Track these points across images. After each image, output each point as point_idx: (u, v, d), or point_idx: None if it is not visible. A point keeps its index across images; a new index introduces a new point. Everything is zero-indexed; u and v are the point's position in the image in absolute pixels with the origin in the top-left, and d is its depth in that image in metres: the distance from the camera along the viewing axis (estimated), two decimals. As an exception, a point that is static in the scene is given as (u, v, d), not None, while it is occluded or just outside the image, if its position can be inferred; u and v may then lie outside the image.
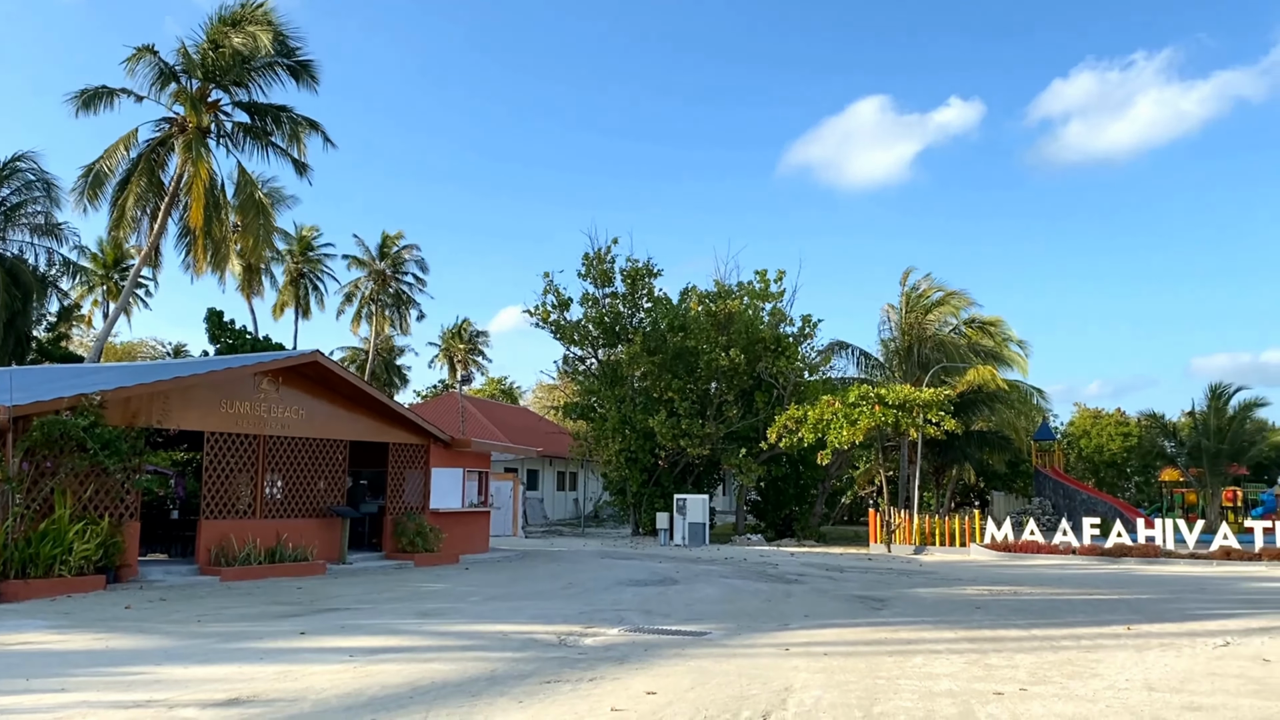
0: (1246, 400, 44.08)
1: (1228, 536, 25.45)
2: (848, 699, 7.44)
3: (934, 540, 29.13)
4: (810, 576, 19.08)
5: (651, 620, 12.08)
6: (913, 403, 29.75)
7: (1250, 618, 13.03)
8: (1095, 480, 53.69)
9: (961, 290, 41.81)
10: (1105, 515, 30.98)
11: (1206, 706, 7.33)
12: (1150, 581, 19.29)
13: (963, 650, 9.94)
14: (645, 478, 34.27)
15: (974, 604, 14.56)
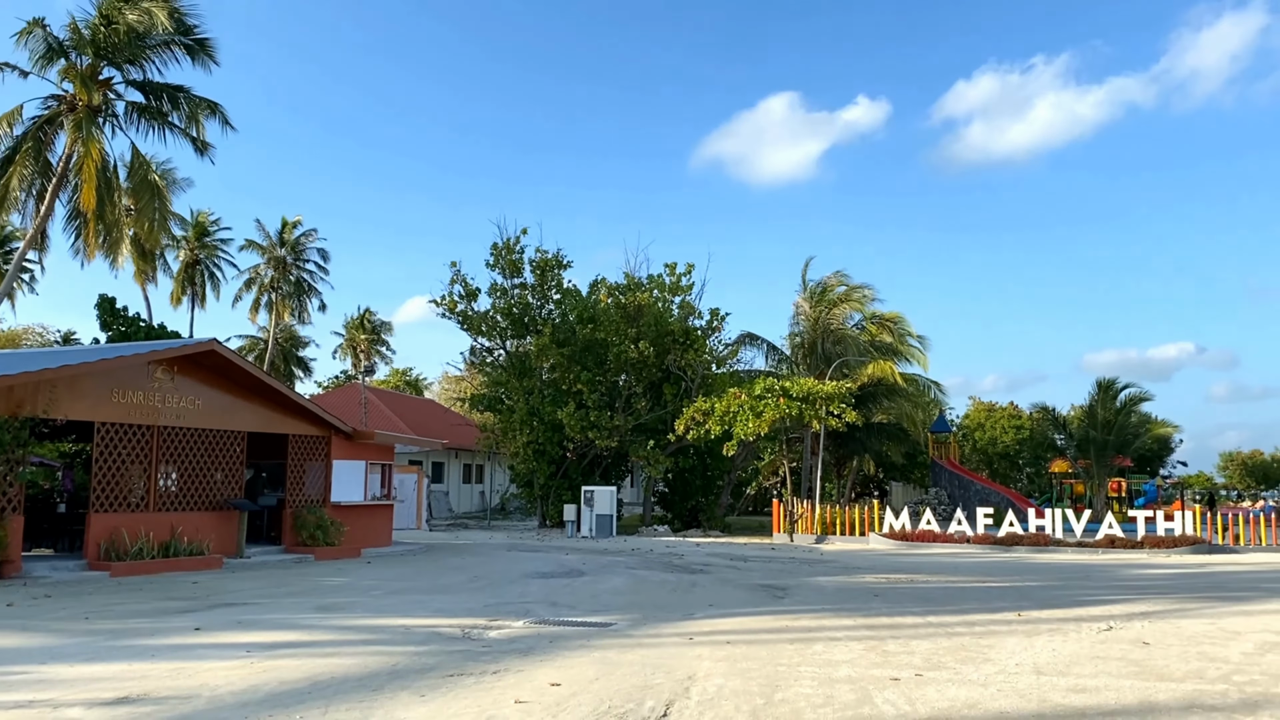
0: (1132, 395, 46.06)
1: (1112, 525, 26.54)
2: (749, 686, 7.56)
3: (835, 530, 29.71)
4: (715, 566, 19.29)
5: (557, 612, 12.08)
6: (816, 395, 30.30)
7: (1132, 603, 13.62)
8: (989, 471, 55.53)
9: (864, 286, 42.75)
10: (998, 505, 32.01)
11: (1090, 688, 7.64)
12: (1040, 569, 20.01)
13: (861, 637, 10.18)
14: (553, 470, 34.20)
15: (873, 592, 14.91)
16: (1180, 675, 8.20)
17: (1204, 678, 8.10)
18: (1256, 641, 10.07)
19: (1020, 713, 6.80)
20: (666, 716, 6.61)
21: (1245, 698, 7.32)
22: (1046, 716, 6.70)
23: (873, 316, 44.28)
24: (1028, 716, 6.69)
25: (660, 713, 6.71)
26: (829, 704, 6.99)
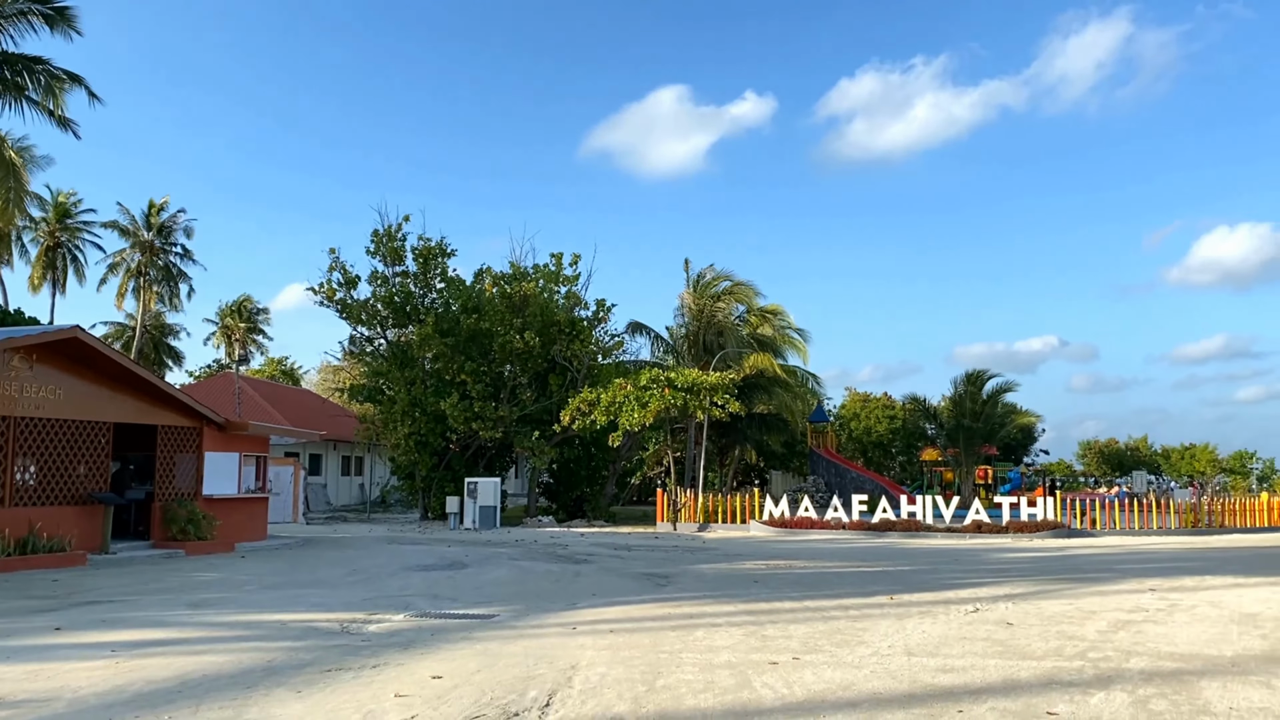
0: (998, 385, 48.08)
1: (979, 511, 27.67)
2: (632, 674, 7.63)
3: (717, 518, 30.17)
4: (599, 556, 19.37)
5: (439, 605, 11.96)
6: (700, 386, 30.69)
7: (997, 585, 14.23)
8: (864, 459, 57.17)
9: (747, 280, 43.55)
10: (873, 492, 32.99)
11: (958, 668, 7.97)
12: (911, 554, 20.71)
13: (742, 623, 10.38)
14: (435, 461, 33.77)
15: (753, 578, 15.21)
16: (1041, 654, 8.61)
17: (1062, 655, 8.52)
18: (1110, 620, 10.65)
19: (892, 693, 7.04)
20: (549, 706, 6.63)
21: (1100, 673, 7.73)
22: (917, 696, 6.95)
23: (755, 309, 45.08)
24: (899, 697, 6.93)
25: (543, 702, 6.72)
26: (709, 689, 7.11)
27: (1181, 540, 25.68)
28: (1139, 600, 12.37)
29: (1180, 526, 28.64)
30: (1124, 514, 28.73)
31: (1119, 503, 29.69)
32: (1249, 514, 30.42)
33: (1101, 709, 6.53)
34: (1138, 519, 28.58)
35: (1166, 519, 28.76)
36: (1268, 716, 6.33)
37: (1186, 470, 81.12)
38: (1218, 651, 8.70)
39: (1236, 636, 9.54)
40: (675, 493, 31.12)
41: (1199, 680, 7.46)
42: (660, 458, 43.52)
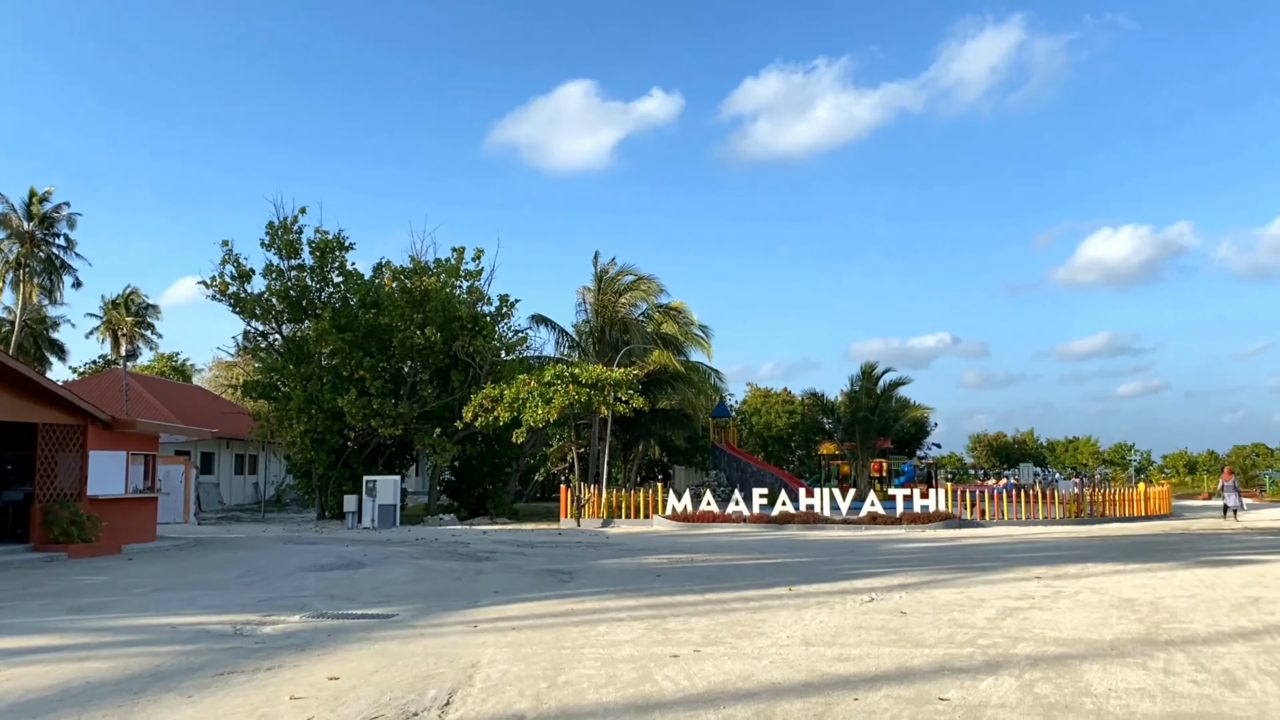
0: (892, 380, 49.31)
1: (874, 503, 28.33)
2: (534, 671, 7.60)
3: (621, 514, 30.25)
4: (501, 553, 19.25)
5: (336, 605, 11.73)
6: (604, 382, 30.73)
7: (891, 575, 14.59)
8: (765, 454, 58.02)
9: (651, 276, 43.75)
10: (773, 486, 33.48)
11: (854, 657, 8.15)
12: (810, 546, 21.10)
13: (644, 617, 10.43)
14: (333, 459, 33.08)
15: (655, 572, 15.30)
16: (933, 641, 8.87)
17: (953, 642, 8.79)
18: (998, 607, 11.02)
19: (790, 683, 7.17)
20: (449, 705, 6.56)
21: (988, 659, 7.99)
22: (814, 685, 7.09)
23: (658, 306, 45.34)
24: (797, 686, 7.06)
25: (443, 701, 6.65)
26: (611, 683, 7.13)
27: (1065, 530, 26.70)
28: (1025, 588, 12.83)
29: (1064, 516, 29.77)
30: (1011, 505, 29.74)
31: (1007, 494, 30.72)
32: (1127, 504, 31.79)
33: (990, 693, 6.75)
34: (1024, 510, 29.61)
35: (1051, 509, 29.86)
36: (1143, 696, 6.63)
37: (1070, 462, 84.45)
38: (1098, 636, 9.07)
39: (1116, 621, 9.96)
40: (579, 489, 31.10)
41: (1081, 663, 7.77)
42: (564, 454, 43.47)
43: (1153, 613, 10.49)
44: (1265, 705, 6.34)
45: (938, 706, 6.40)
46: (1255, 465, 72.19)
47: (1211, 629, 9.37)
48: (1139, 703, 6.44)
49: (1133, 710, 6.24)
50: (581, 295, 42.94)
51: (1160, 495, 33.60)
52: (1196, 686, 6.89)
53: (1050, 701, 6.50)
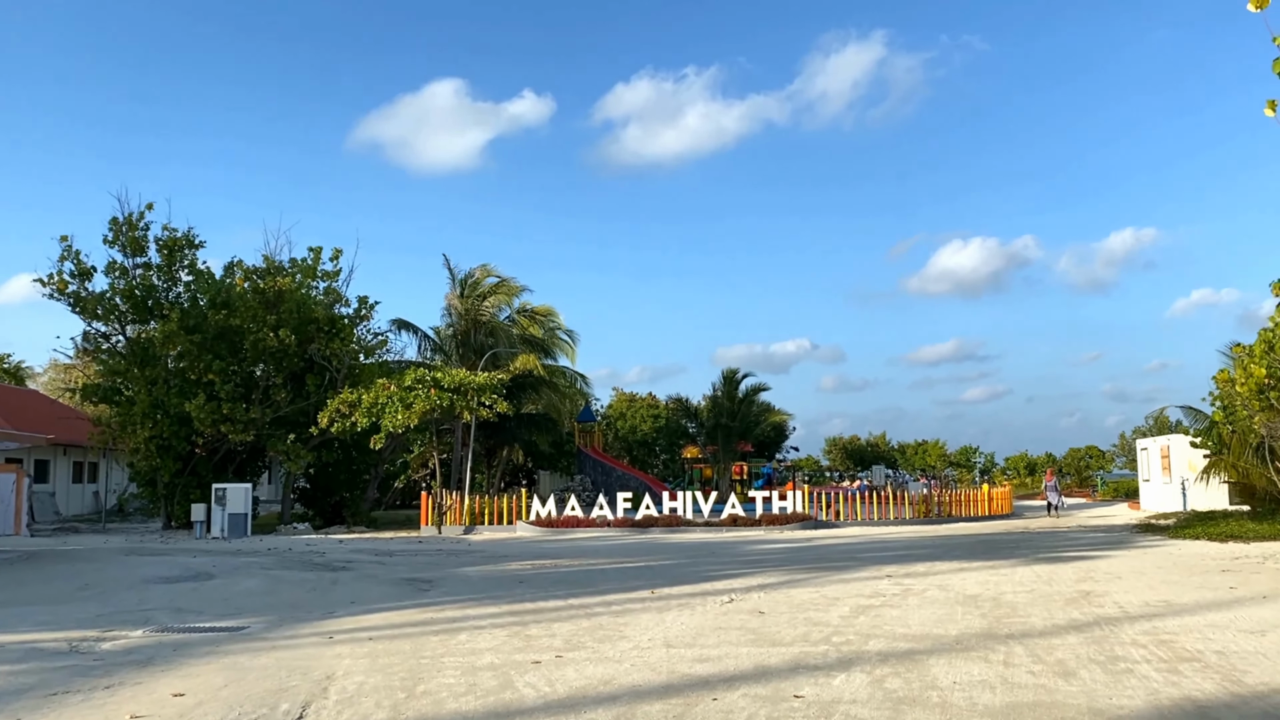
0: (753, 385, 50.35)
1: (735, 506, 28.87)
2: (391, 681, 7.45)
3: (484, 520, 29.92)
4: (359, 563, 18.78)
5: (183, 618, 11.23)
6: (467, 386, 30.34)
7: (751, 576, 14.88)
8: (629, 458, 58.37)
9: (516, 279, 43.52)
10: (637, 490, 33.71)
11: (714, 657, 8.27)
12: (671, 548, 21.33)
13: (506, 624, 10.35)
14: (180, 467, 31.63)
15: (518, 579, 15.20)
16: (790, 640, 9.08)
17: (809, 640, 9.02)
18: (852, 605, 11.37)
19: (651, 685, 7.23)
20: (302, 719, 6.36)
21: (842, 656, 8.24)
22: (674, 687, 7.17)
23: (524, 309, 45.11)
24: (658, 688, 7.12)
25: (295, 715, 6.44)
26: (471, 691, 7.05)
27: (915, 529, 27.76)
28: (877, 586, 13.28)
29: (914, 516, 30.96)
30: (864, 506, 30.73)
31: (860, 495, 31.73)
32: (972, 504, 33.27)
33: (843, 690, 6.96)
34: (877, 510, 30.65)
35: (902, 510, 31.01)
36: (985, 687, 6.94)
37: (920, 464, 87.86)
38: (944, 631, 9.46)
39: (960, 616, 10.41)
40: (440, 495, 30.61)
41: (928, 658, 8.08)
42: (426, 460, 42.71)
43: (994, 608, 11.00)
44: (1094, 692, 6.73)
45: (793, 704, 6.55)
46: (1089, 467, 76.59)
47: (1047, 622, 9.89)
48: (981, 694, 6.74)
49: (975, 701, 6.53)
50: (448, 298, 42.33)
51: (1002, 496, 35.29)
52: (1033, 677, 7.26)
53: (899, 696, 6.74)
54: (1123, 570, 14.85)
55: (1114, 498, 48.23)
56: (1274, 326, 16.61)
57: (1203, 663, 7.65)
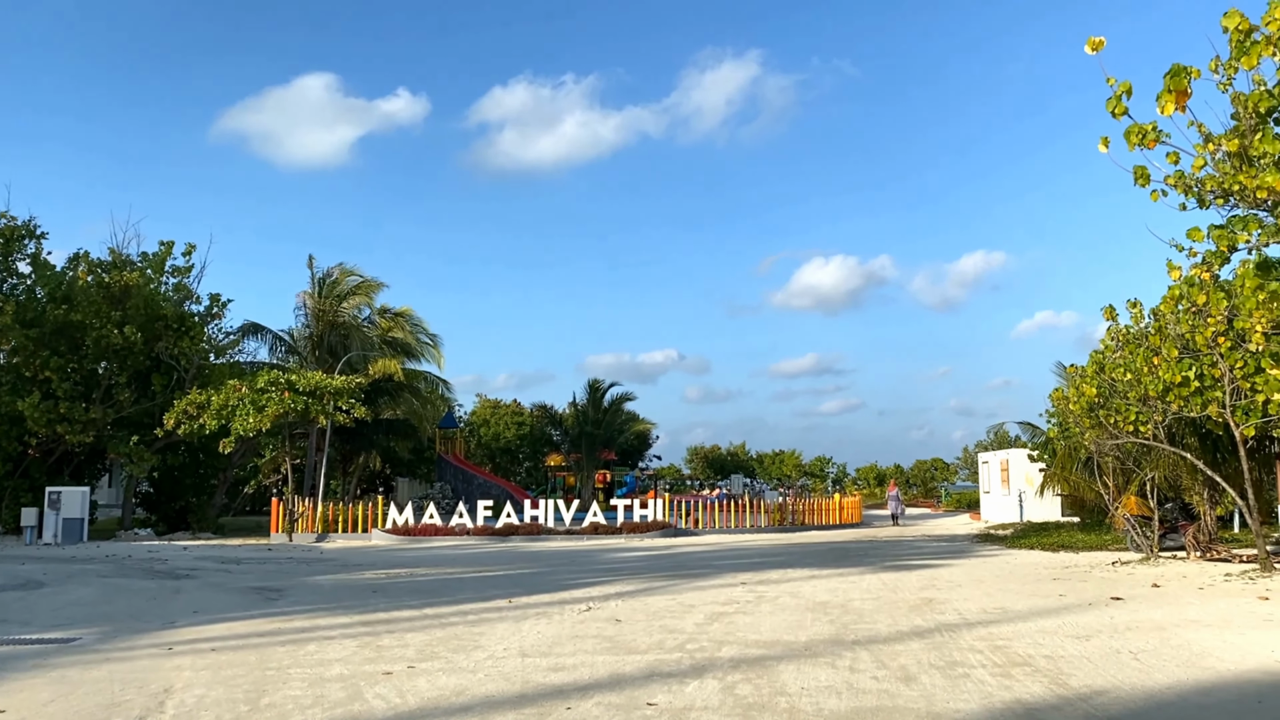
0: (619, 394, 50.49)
1: (597, 514, 28.96)
2: (234, 694, 7.19)
3: (338, 528, 29.19)
4: (203, 571, 18.04)
5: (7, 630, 10.57)
6: (324, 390, 29.54)
7: (609, 584, 14.95)
8: (492, 465, 57.86)
9: (377, 280, 42.58)
10: (498, 498, 33.45)
11: (569, 666, 8.27)
12: (532, 557, 21.24)
13: (357, 634, 10.11)
14: (10, 468, 29.75)
15: (372, 588, 14.87)
16: (645, 647, 9.16)
17: (664, 648, 9.12)
18: (707, 612, 11.55)
19: (505, 695, 7.18)
20: (136, 735, 6.08)
21: (695, 663, 8.36)
22: (528, 696, 7.14)
23: (385, 311, 44.19)
24: (511, 698, 7.08)
25: (129, 732, 6.15)
26: (318, 704, 6.86)
27: (770, 537, 28.40)
28: (732, 593, 13.53)
29: (769, 525, 31.68)
30: (723, 514, 31.29)
31: (719, 504, 32.28)
32: (825, 513, 34.28)
33: (695, 696, 7.07)
34: (734, 518, 31.25)
35: (758, 518, 31.69)
36: (831, 693, 7.16)
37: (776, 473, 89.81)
38: (794, 637, 9.71)
39: (810, 622, 10.70)
40: (293, 502, 29.69)
41: (779, 664, 8.28)
42: (278, 465, 41.32)
43: (843, 614, 11.35)
44: (932, 696, 7.02)
45: (646, 711, 6.62)
46: (934, 478, 79.76)
47: (892, 629, 10.26)
48: (827, 699, 6.94)
49: (821, 707, 6.73)
50: (302, 298, 41.10)
51: (853, 505, 36.48)
52: (877, 682, 7.53)
53: (750, 702, 6.89)
54: (963, 579, 15.54)
55: (957, 508, 50.40)
56: (1105, 349, 17.68)
57: (1033, 667, 8.06)
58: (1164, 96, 8.65)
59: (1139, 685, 7.34)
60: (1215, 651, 8.69)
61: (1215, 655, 8.51)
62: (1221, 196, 8.90)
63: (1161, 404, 15.92)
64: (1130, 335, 16.83)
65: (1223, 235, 9.11)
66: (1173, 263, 10.63)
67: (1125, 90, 8.83)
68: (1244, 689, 7.25)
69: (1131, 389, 16.40)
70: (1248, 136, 8.56)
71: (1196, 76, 8.62)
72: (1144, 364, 15.78)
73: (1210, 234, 9.25)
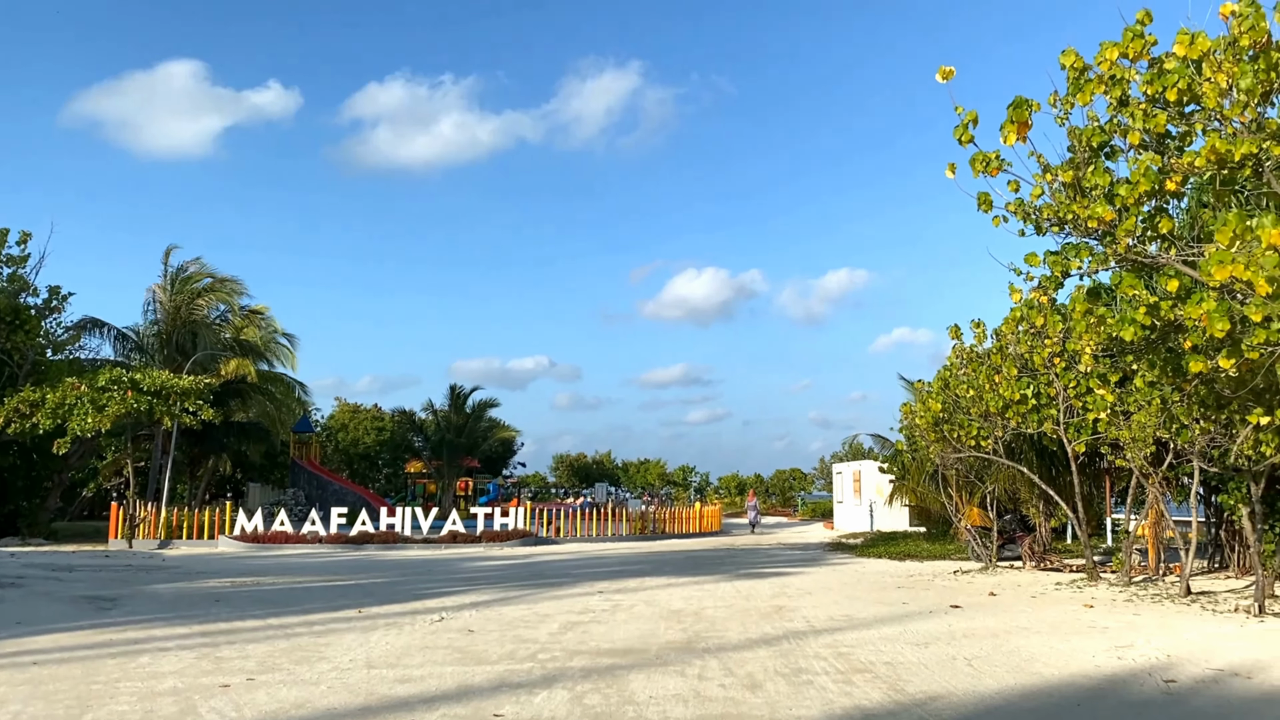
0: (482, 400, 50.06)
1: (456, 522, 28.55)
2: (54, 711, 6.79)
3: (183, 534, 27.95)
4: (31, 578, 16.99)
5: None
6: (170, 390, 28.25)
7: (464, 594, 14.76)
8: (350, 472, 56.39)
9: (235, 278, 41.05)
10: (354, 505, 32.64)
11: (417, 677, 8.12)
12: (386, 566, 20.79)
13: (195, 645, 9.70)
14: None
15: (215, 597, 14.29)
16: (496, 658, 9.08)
17: (515, 658, 9.05)
18: (562, 622, 11.52)
19: (348, 708, 7.00)
20: (-60, 757, 5.68)
21: (546, 673, 8.32)
22: (372, 709, 6.98)
23: (241, 310, 42.62)
24: (354, 711, 6.91)
25: (-68, 754, 5.74)
26: (148, 719, 6.55)
27: (631, 546, 28.56)
28: (588, 602, 13.54)
29: (631, 533, 31.85)
30: (584, 522, 31.30)
31: (582, 512, 32.27)
32: (686, 521, 34.69)
33: (543, 707, 7.03)
34: (596, 527, 31.29)
35: (620, 526, 31.82)
36: (678, 701, 7.23)
37: (641, 482, 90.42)
38: (647, 646, 9.78)
39: (664, 631, 10.80)
40: (134, 506, 28.28)
41: (629, 673, 8.32)
42: (120, 467, 39.35)
43: (696, 622, 11.50)
44: (776, 703, 7.17)
45: (492, 722, 6.56)
46: (792, 488, 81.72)
47: (742, 636, 10.45)
48: (674, 708, 7.01)
49: (668, 715, 6.79)
50: (152, 293, 39.25)
51: (713, 514, 37.03)
52: (723, 690, 7.64)
53: (597, 711, 6.90)
54: (813, 586, 15.95)
55: (812, 517, 51.76)
56: (950, 366, 18.45)
57: (874, 673, 8.33)
58: (1007, 127, 9.09)
59: (970, 690, 7.67)
60: (1042, 657, 9.15)
61: (1042, 661, 8.97)
62: (1057, 224, 9.39)
63: (1001, 420, 16.70)
64: (973, 354, 17.61)
65: (1057, 261, 9.63)
66: (1014, 285, 11.14)
67: (971, 119, 9.25)
68: (1065, 693, 7.66)
69: (974, 405, 17.15)
70: (1082, 168, 9.06)
71: (1037, 109, 9.09)
72: (986, 381, 16.53)
73: (1046, 259, 9.76)
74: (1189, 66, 8.39)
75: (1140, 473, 15.48)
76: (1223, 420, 12.45)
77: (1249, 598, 13.00)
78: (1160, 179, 8.55)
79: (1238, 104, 8.02)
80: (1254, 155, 7.99)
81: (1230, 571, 17.28)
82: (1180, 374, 10.59)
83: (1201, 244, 8.78)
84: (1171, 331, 9.65)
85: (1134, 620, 11.69)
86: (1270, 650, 9.54)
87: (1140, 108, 8.74)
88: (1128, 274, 9.26)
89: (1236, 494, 14.26)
